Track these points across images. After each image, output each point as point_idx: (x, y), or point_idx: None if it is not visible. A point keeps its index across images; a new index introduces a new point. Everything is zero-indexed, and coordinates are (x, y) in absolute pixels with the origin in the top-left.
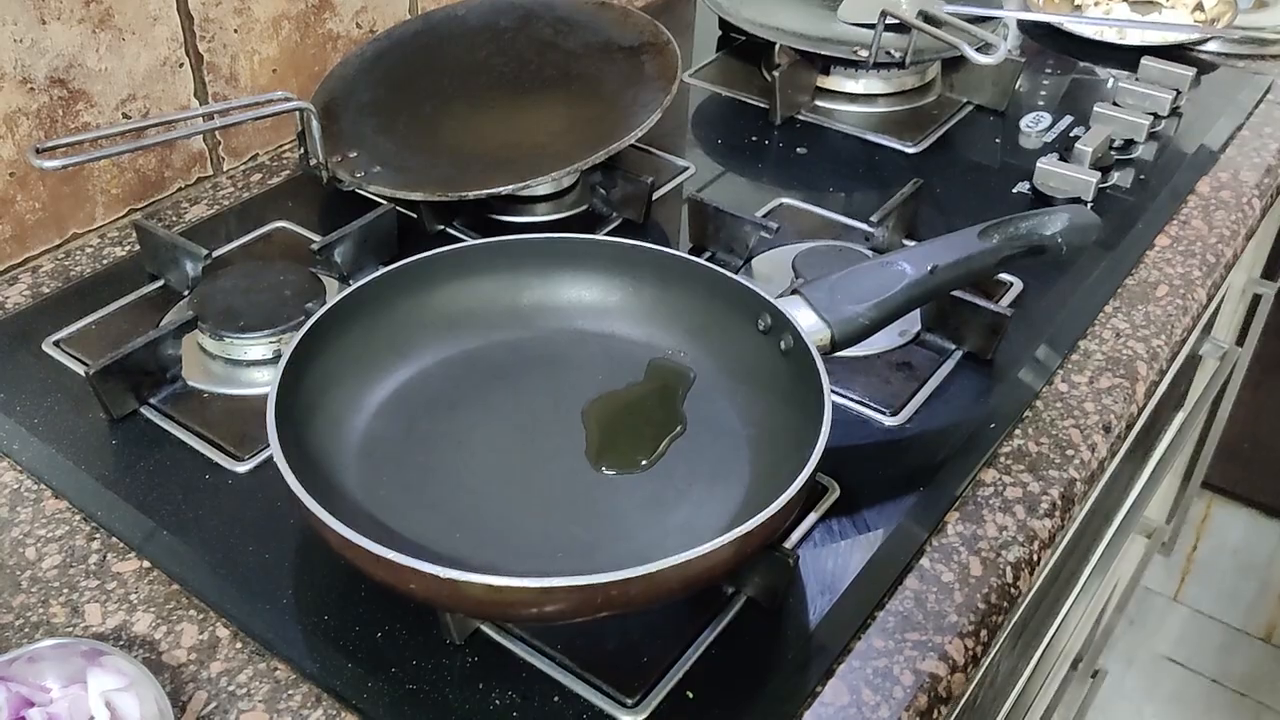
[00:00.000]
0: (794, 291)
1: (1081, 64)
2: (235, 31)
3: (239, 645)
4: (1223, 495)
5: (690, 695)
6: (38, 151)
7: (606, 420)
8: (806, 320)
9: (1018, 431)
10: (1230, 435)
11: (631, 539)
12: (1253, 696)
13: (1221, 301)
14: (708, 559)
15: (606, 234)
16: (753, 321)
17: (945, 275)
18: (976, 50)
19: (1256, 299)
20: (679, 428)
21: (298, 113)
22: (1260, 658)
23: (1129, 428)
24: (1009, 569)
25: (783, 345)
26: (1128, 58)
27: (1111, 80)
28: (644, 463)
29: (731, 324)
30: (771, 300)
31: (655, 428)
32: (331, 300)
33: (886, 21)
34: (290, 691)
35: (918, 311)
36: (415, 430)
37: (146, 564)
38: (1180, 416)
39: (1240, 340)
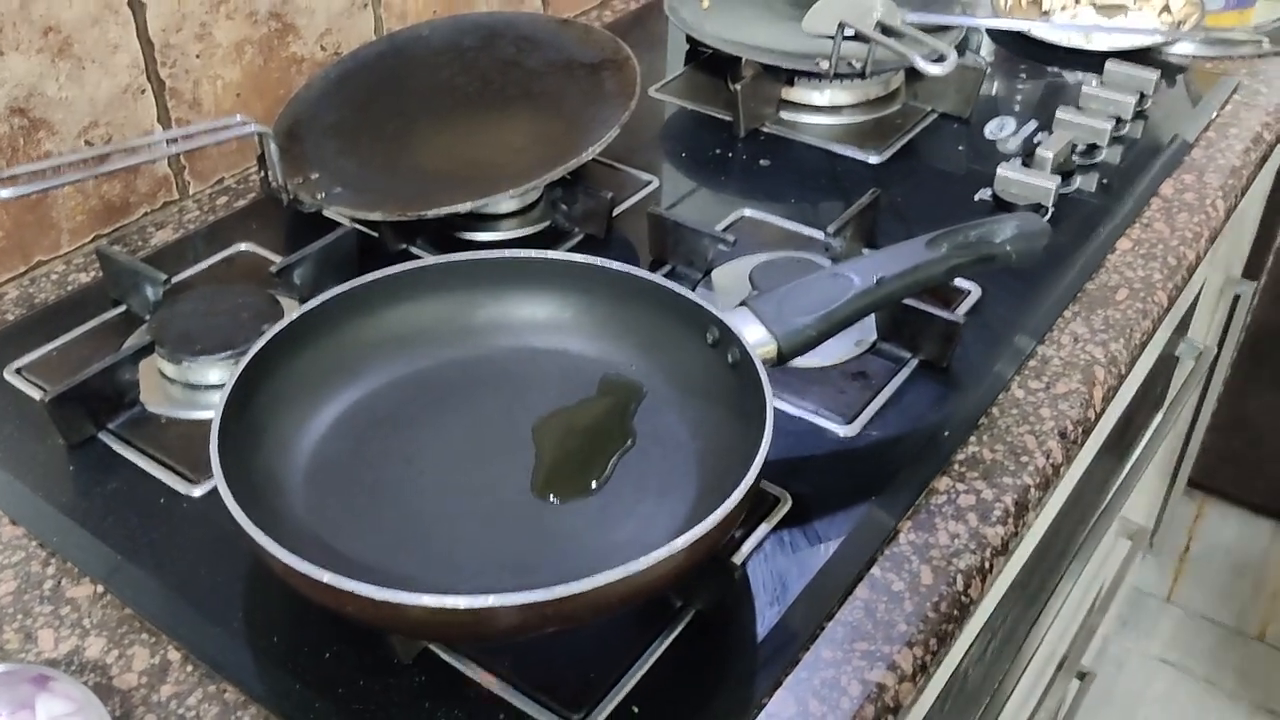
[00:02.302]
0: (741, 304)
1: (1050, 69)
2: (197, 57)
3: (189, 668)
4: (1214, 495)
5: (635, 710)
6: None
7: (556, 438)
8: (753, 333)
9: (972, 439)
10: (1219, 435)
11: (577, 554)
12: (1247, 697)
13: (1196, 302)
14: (649, 572)
15: (568, 249)
16: (701, 335)
17: (892, 286)
18: (929, 61)
19: (1236, 298)
20: (628, 442)
21: (257, 136)
22: (1254, 657)
23: (1086, 433)
24: (960, 577)
25: (730, 358)
26: (1096, 62)
27: (1079, 84)
28: (593, 486)
29: (681, 338)
30: (718, 314)
31: (605, 443)
32: (281, 323)
33: (845, 33)
34: (239, 713)
35: (873, 321)
36: (364, 451)
37: (100, 589)
38: (1158, 417)
39: (1222, 340)
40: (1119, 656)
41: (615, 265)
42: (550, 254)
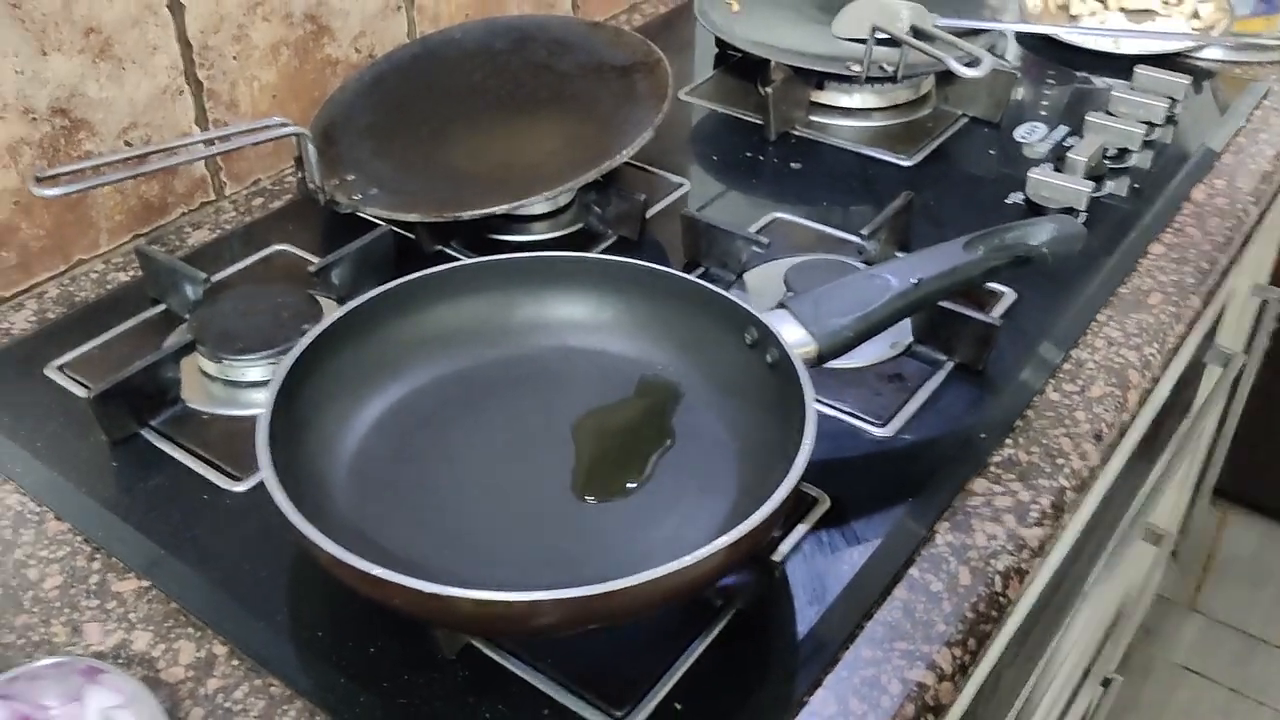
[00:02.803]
0: (780, 305)
1: (1078, 74)
2: (234, 59)
3: (235, 662)
4: (1237, 503)
5: (678, 707)
6: (38, 180)
7: (596, 437)
8: (792, 334)
9: (1008, 441)
10: (1244, 442)
11: (619, 552)
12: (1271, 705)
13: (1224, 308)
14: (692, 570)
15: (601, 251)
16: (740, 335)
17: (930, 287)
18: (963, 65)
19: (1263, 306)
20: (668, 442)
21: (294, 138)
22: (1278, 666)
23: (1121, 436)
24: (998, 578)
25: (769, 359)
26: (1124, 66)
27: (1108, 89)
28: (631, 486)
29: (719, 338)
30: (757, 314)
31: (644, 443)
32: (324, 322)
33: (878, 37)
34: (284, 707)
35: (908, 323)
36: (406, 448)
37: (145, 584)
38: (1186, 424)
39: (1248, 346)
40: (1143, 663)
41: (654, 266)
42: (589, 255)
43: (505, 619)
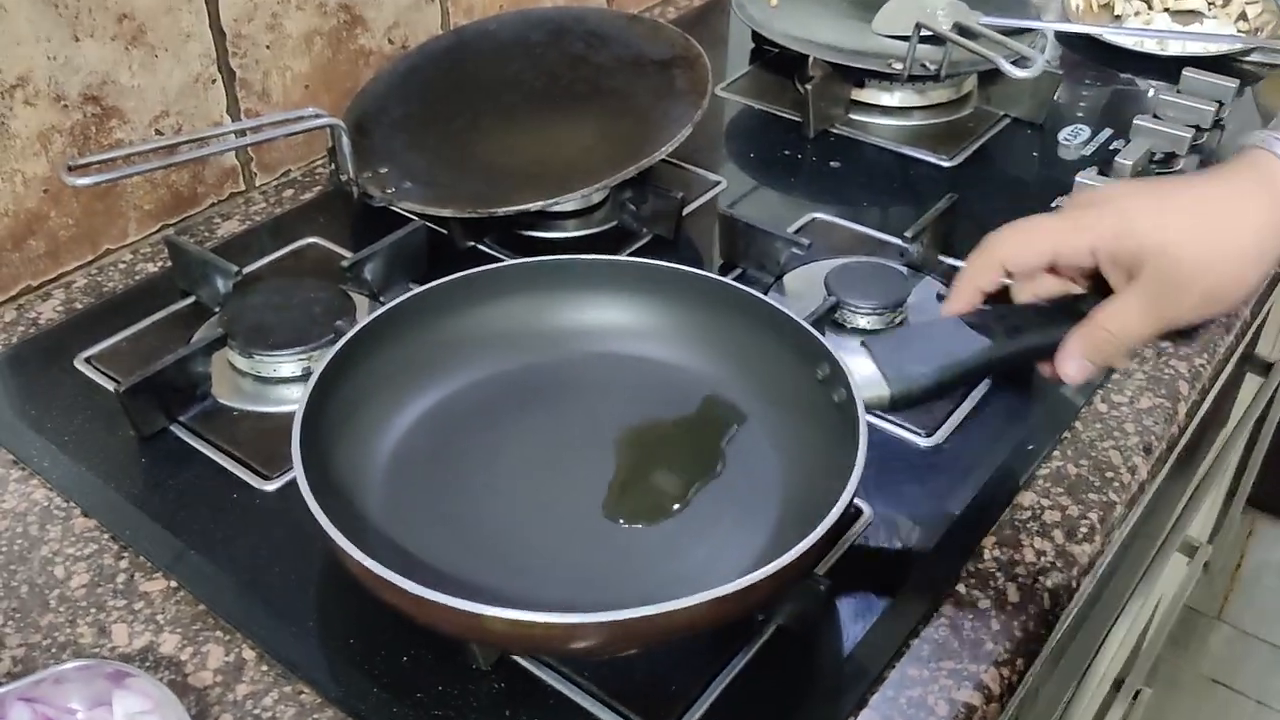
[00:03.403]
0: (861, 343)
1: (1121, 75)
2: (267, 48)
3: (265, 668)
4: (1266, 512)
5: None
6: (70, 169)
7: (639, 454)
8: (866, 376)
9: (1056, 453)
10: (1273, 451)
11: (659, 570)
12: None
13: (1265, 319)
14: (744, 593)
15: (635, 250)
16: (811, 367)
17: (1029, 343)
18: (1012, 64)
19: None
20: (716, 468)
21: (328, 129)
22: None
23: (1170, 449)
24: (1047, 596)
25: (835, 398)
26: (1169, 69)
27: (1152, 91)
28: (667, 512)
29: (789, 366)
30: (833, 351)
31: (690, 467)
32: (362, 320)
33: (921, 34)
34: (315, 716)
35: None
36: (443, 454)
37: (174, 584)
38: (1224, 435)
39: None
40: (1170, 675)
41: (729, 283)
42: (649, 261)
43: (542, 640)
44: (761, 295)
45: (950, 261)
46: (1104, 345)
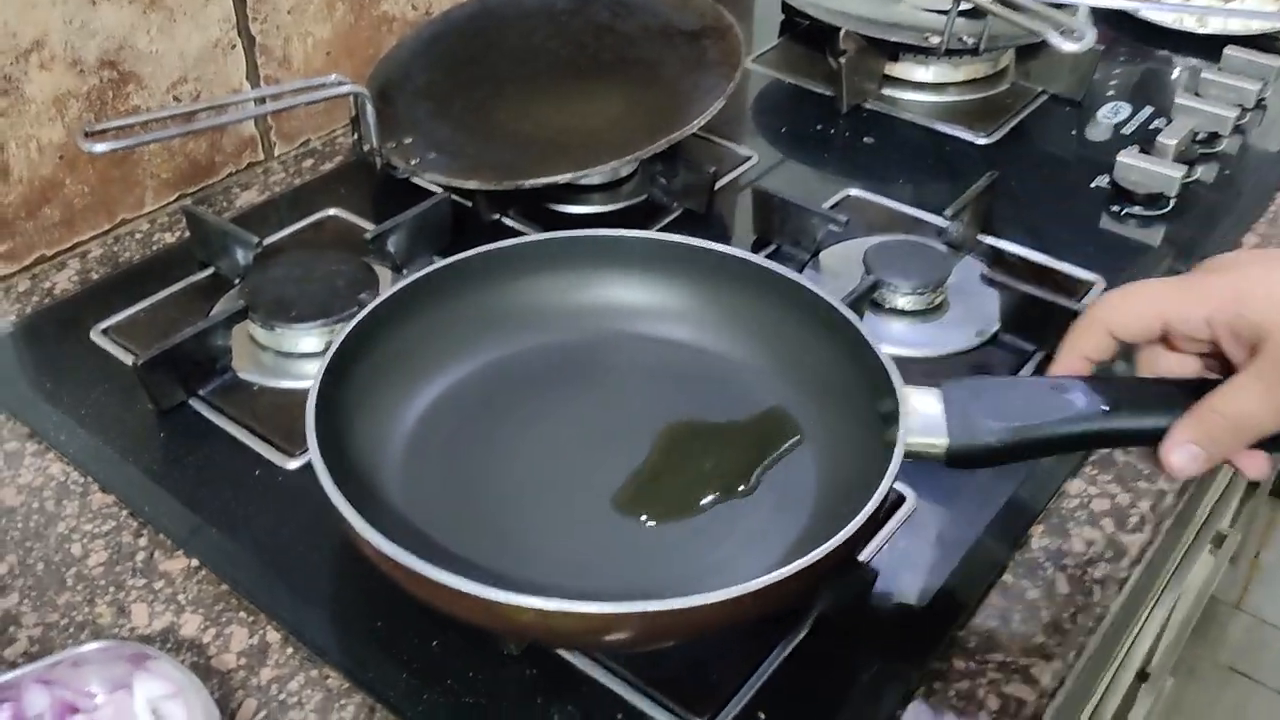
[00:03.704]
0: (938, 385)
1: (1158, 53)
2: (288, 13)
3: (290, 651)
4: None
5: (762, 716)
6: (86, 134)
7: (677, 450)
8: (928, 418)
9: None
10: None
11: (692, 562)
12: None
13: None
14: (785, 583)
15: (665, 225)
16: (874, 396)
17: (1128, 423)
18: (1060, 35)
19: None
20: (742, 488)
21: (352, 97)
22: None
23: None
24: (1097, 587)
25: (887, 437)
26: (1208, 46)
27: (1181, 70)
28: (704, 503)
29: (851, 390)
30: (902, 390)
31: (719, 480)
32: (384, 293)
33: (961, 6)
34: (343, 701)
35: (995, 309)
36: (465, 433)
37: (195, 563)
38: None
39: None
40: (1189, 664)
41: (820, 295)
42: (696, 241)
43: (574, 632)
44: (841, 305)
45: (990, 241)
46: (1217, 432)
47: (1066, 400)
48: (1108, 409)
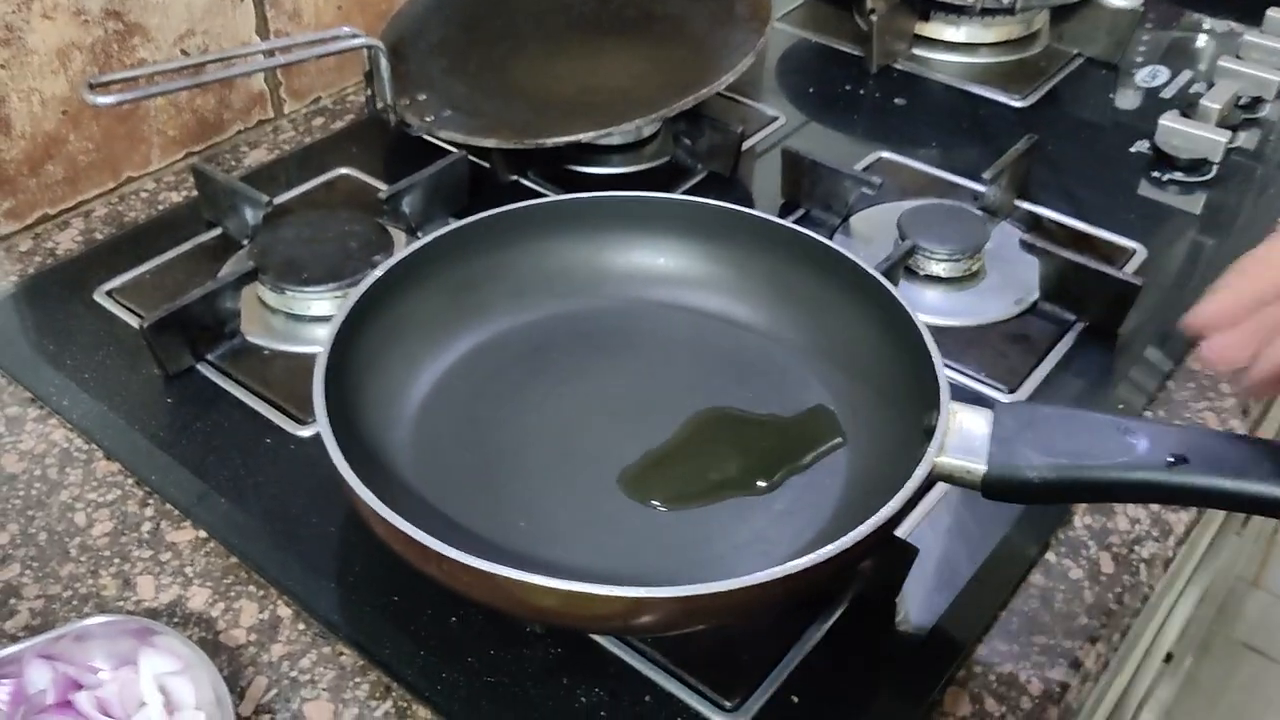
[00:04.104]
0: (996, 405)
1: (1191, 15)
2: None
3: (301, 626)
4: None
5: (795, 700)
6: (90, 86)
7: (704, 436)
8: (972, 437)
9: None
10: None
11: (710, 546)
12: None
13: None
14: (824, 566)
15: (690, 188)
16: (923, 414)
17: (1195, 479)
18: None
19: None
20: (761, 484)
21: (365, 51)
22: None
23: (1265, 412)
24: (1143, 566)
25: (919, 452)
26: (1245, 8)
27: (1219, 33)
28: (681, 500)
29: (900, 392)
30: (950, 407)
31: (734, 478)
32: (396, 256)
33: None
34: (357, 679)
35: (1035, 278)
36: (479, 403)
37: (203, 534)
38: None
39: None
40: (1204, 641)
41: (894, 296)
42: (737, 208)
43: (598, 617)
44: (892, 289)
45: (1027, 206)
46: None
47: (1127, 444)
48: (1173, 460)
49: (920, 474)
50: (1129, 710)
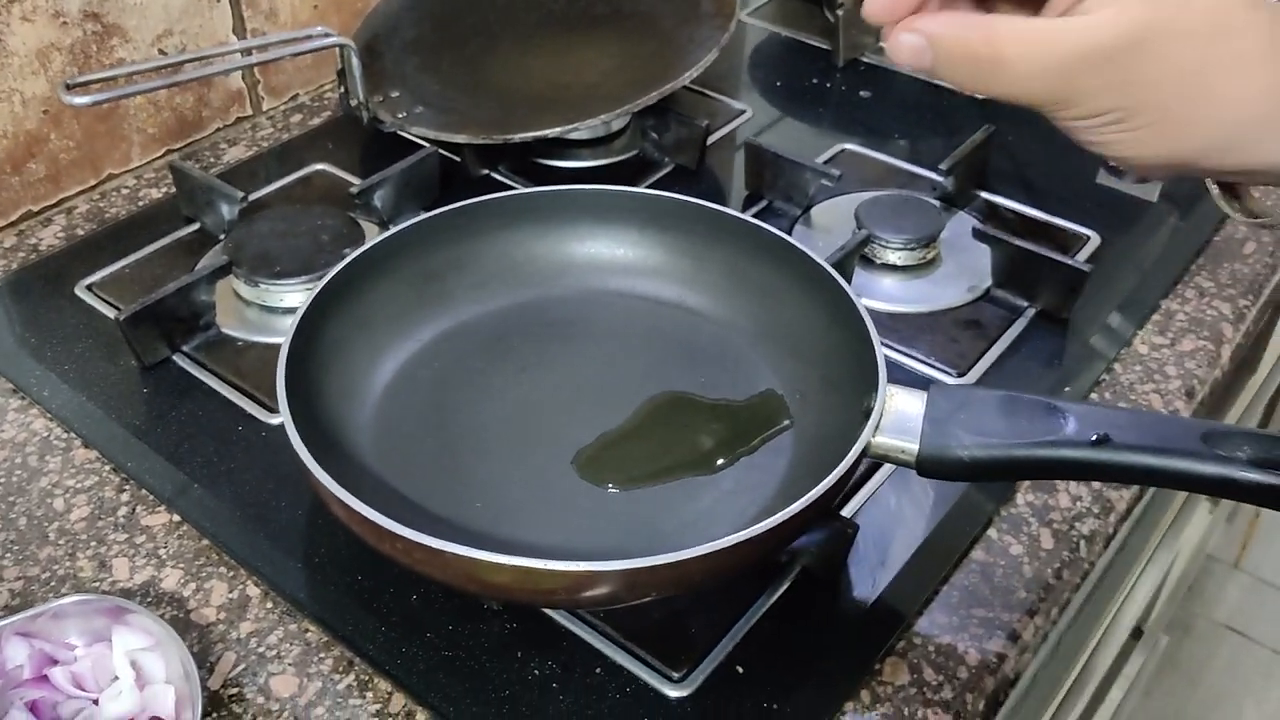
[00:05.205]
0: (930, 386)
1: None
2: None
3: (269, 605)
4: None
5: (740, 670)
6: (68, 87)
7: (658, 420)
8: (907, 417)
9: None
10: None
11: (665, 519)
12: None
13: None
14: (764, 538)
15: (657, 181)
16: (866, 392)
17: (1117, 458)
18: None
19: None
20: (719, 463)
21: (338, 49)
22: None
23: (1213, 394)
24: (1083, 542)
25: (858, 434)
26: None
27: None
28: (634, 481)
29: (844, 377)
30: (886, 389)
31: (687, 458)
32: (360, 248)
33: None
34: (321, 655)
35: (988, 265)
36: (441, 391)
37: (176, 518)
38: (1256, 381)
39: None
40: (1184, 621)
41: (800, 247)
42: (690, 199)
43: (550, 590)
44: (839, 278)
45: (986, 196)
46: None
47: (1056, 424)
48: (1095, 439)
49: (855, 452)
50: (1093, 682)
